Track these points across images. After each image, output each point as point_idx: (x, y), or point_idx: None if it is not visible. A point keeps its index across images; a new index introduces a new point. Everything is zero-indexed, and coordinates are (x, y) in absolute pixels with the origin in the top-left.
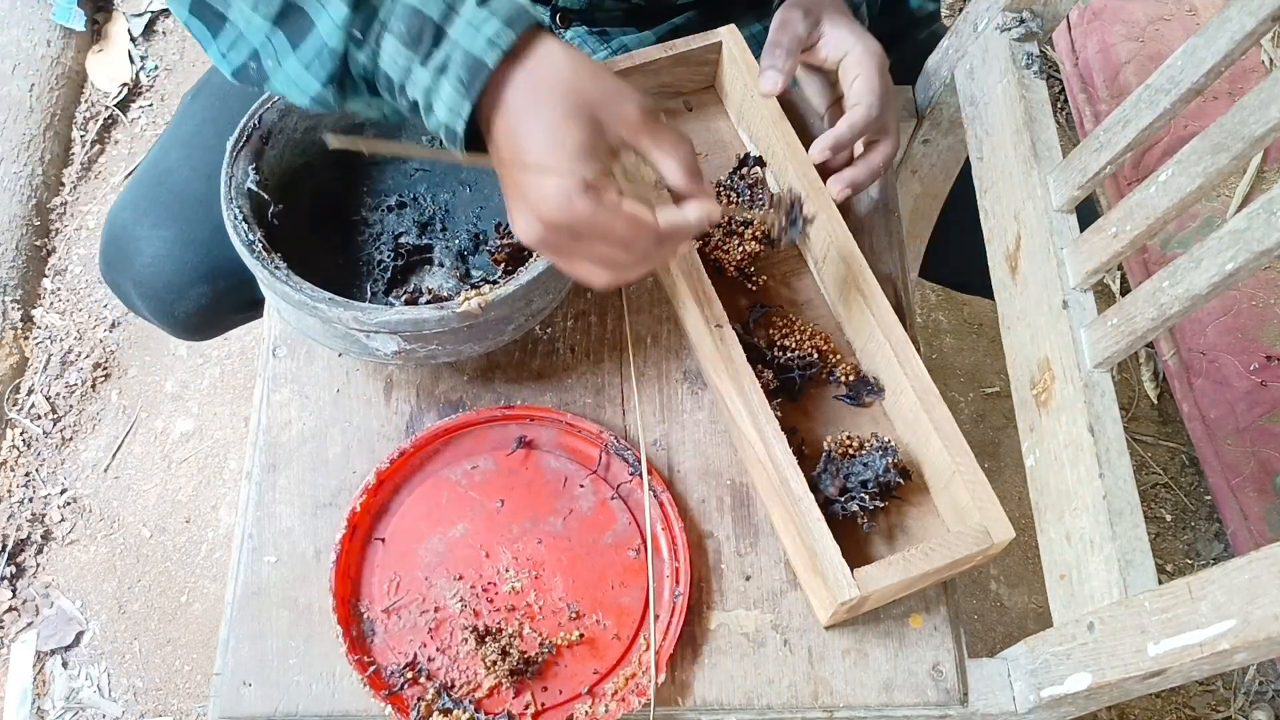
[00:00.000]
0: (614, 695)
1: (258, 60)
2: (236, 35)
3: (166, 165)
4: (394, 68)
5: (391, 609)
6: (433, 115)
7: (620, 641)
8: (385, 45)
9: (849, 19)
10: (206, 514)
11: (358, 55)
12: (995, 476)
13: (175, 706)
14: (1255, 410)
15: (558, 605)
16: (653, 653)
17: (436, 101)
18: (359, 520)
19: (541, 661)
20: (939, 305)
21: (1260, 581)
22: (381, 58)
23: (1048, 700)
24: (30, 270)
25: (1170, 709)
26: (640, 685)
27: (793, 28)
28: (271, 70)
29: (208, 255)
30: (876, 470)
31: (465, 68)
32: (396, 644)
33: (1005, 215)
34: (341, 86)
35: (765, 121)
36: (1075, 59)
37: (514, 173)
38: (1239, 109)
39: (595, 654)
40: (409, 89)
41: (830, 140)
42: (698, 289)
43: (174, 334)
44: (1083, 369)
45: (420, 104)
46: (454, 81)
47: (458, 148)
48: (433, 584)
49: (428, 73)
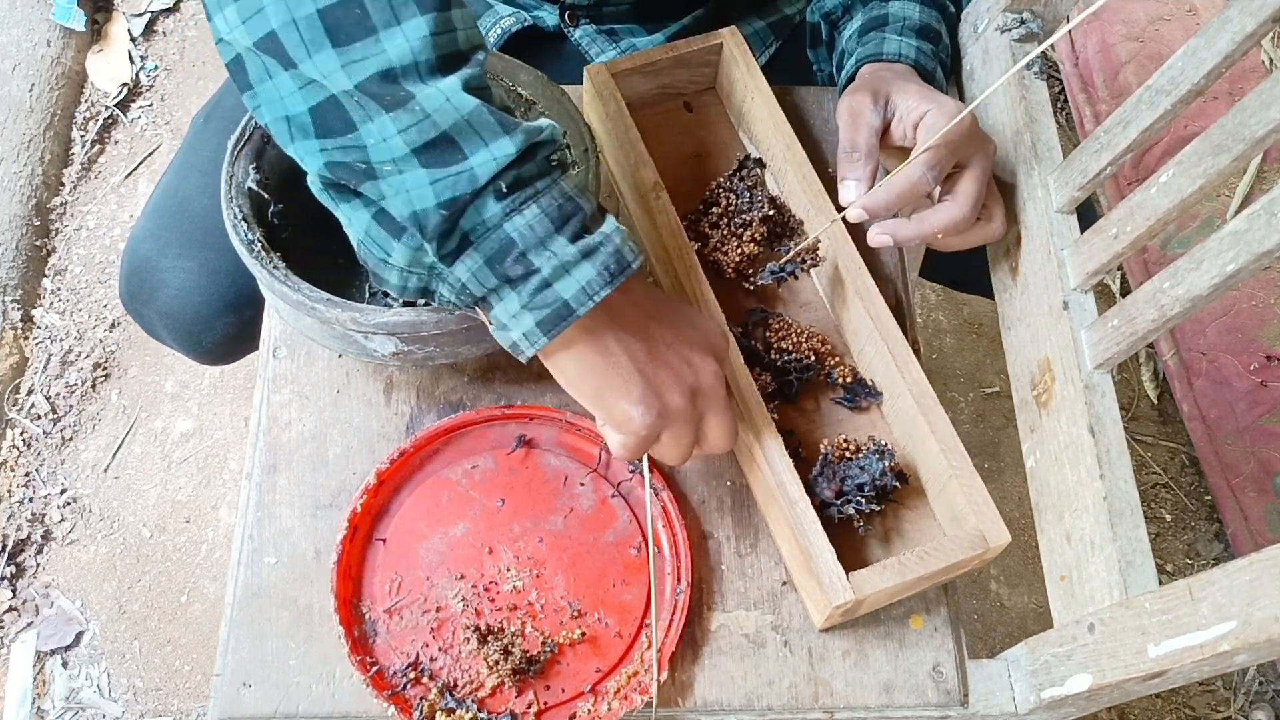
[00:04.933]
0: (616, 693)
1: (369, 164)
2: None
3: (185, 193)
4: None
5: (393, 609)
6: (547, 291)
7: (622, 639)
8: (527, 211)
9: (918, 84)
10: (206, 514)
11: (490, 206)
12: (995, 477)
13: (175, 706)
14: (1255, 410)
15: (559, 604)
16: (655, 650)
17: (564, 279)
18: (359, 521)
19: (544, 660)
20: (939, 305)
21: (1261, 583)
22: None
23: (1048, 701)
24: (30, 270)
25: (1170, 709)
26: (643, 683)
27: (865, 120)
28: (388, 174)
29: (233, 284)
30: (873, 473)
31: (615, 259)
32: (399, 644)
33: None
34: (453, 221)
35: (765, 123)
36: (1075, 59)
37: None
38: (1239, 110)
39: (597, 652)
40: (533, 257)
41: (867, 201)
42: (695, 291)
43: (198, 361)
44: (1083, 370)
45: (539, 275)
46: (599, 266)
47: (552, 332)
48: (434, 584)
49: (574, 249)
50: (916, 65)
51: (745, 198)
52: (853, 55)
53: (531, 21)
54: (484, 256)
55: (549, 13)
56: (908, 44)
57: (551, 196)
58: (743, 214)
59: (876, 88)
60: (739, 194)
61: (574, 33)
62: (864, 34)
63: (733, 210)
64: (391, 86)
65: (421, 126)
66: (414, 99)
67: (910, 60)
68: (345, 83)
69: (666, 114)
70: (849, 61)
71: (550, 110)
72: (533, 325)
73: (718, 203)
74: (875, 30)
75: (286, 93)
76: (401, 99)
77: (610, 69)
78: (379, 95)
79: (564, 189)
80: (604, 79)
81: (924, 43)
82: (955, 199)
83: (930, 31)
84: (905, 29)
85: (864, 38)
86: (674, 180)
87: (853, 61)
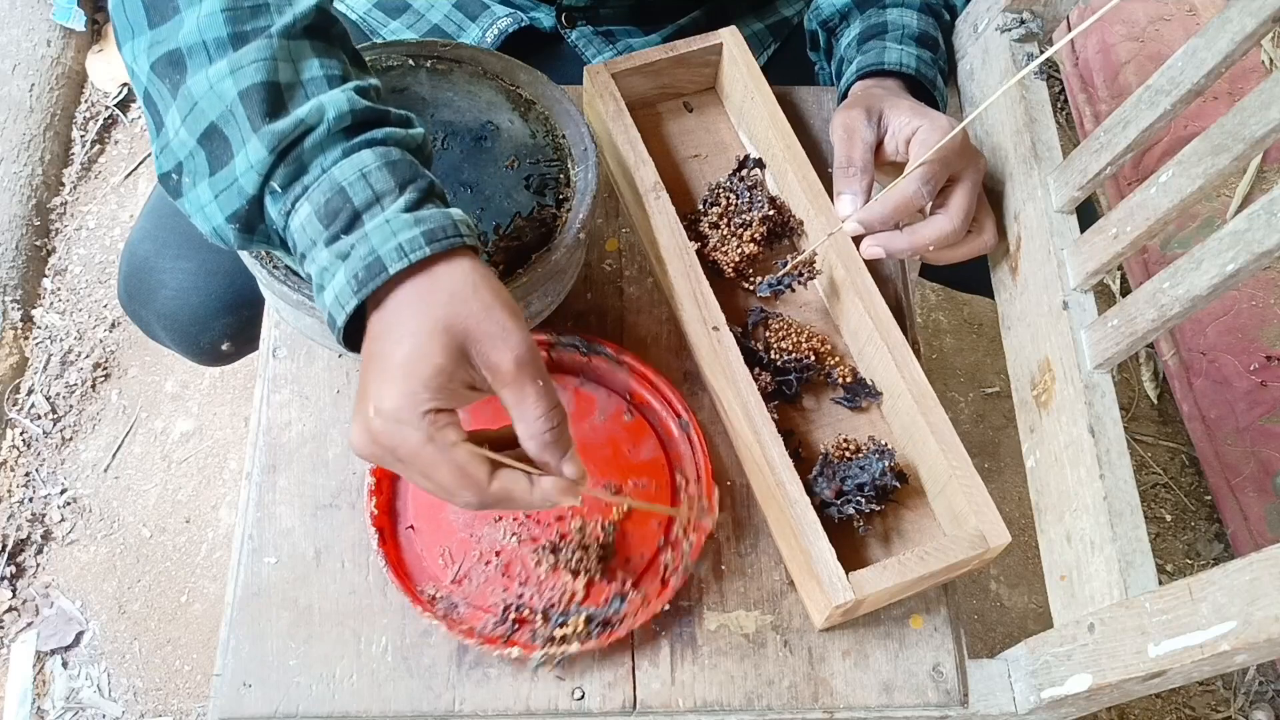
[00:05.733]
0: (686, 531)
1: (179, 173)
2: (166, 142)
3: None
4: (301, 237)
5: (459, 578)
6: (322, 296)
7: (663, 488)
8: (299, 211)
9: (910, 100)
10: (206, 514)
11: (271, 208)
12: (995, 476)
13: (175, 706)
14: (1255, 410)
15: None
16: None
17: (329, 285)
18: (382, 522)
19: (613, 541)
20: (939, 305)
21: (1261, 583)
22: (293, 220)
23: (1048, 701)
24: (30, 270)
25: (1170, 709)
26: (703, 508)
27: (860, 136)
28: (187, 188)
29: (231, 285)
30: (873, 473)
31: (365, 265)
32: (482, 602)
33: (1006, 216)
34: (249, 229)
35: (765, 123)
36: (1075, 59)
37: (366, 374)
38: (1239, 110)
39: (650, 512)
40: (307, 263)
41: (863, 215)
42: (695, 291)
43: (196, 362)
44: (1083, 370)
45: (314, 280)
46: (349, 275)
47: (336, 337)
48: (480, 536)
49: (328, 254)
50: (917, 73)
51: (745, 198)
52: (852, 63)
53: (528, 22)
54: (295, 257)
55: (545, 14)
56: (908, 52)
57: (320, 190)
58: (743, 214)
59: (869, 104)
60: (739, 194)
61: (570, 34)
62: (863, 42)
63: (733, 210)
64: (175, 71)
65: (195, 114)
66: (184, 84)
67: (911, 69)
68: (145, 67)
69: (666, 114)
70: (849, 69)
71: (550, 110)
72: (344, 282)
73: (718, 203)
74: (875, 38)
75: (139, 86)
76: (177, 84)
77: (610, 69)
78: (165, 78)
79: (334, 179)
80: (604, 79)
81: (924, 50)
82: (946, 212)
83: (929, 39)
84: (905, 37)
85: (864, 46)
86: (674, 180)
87: (852, 69)
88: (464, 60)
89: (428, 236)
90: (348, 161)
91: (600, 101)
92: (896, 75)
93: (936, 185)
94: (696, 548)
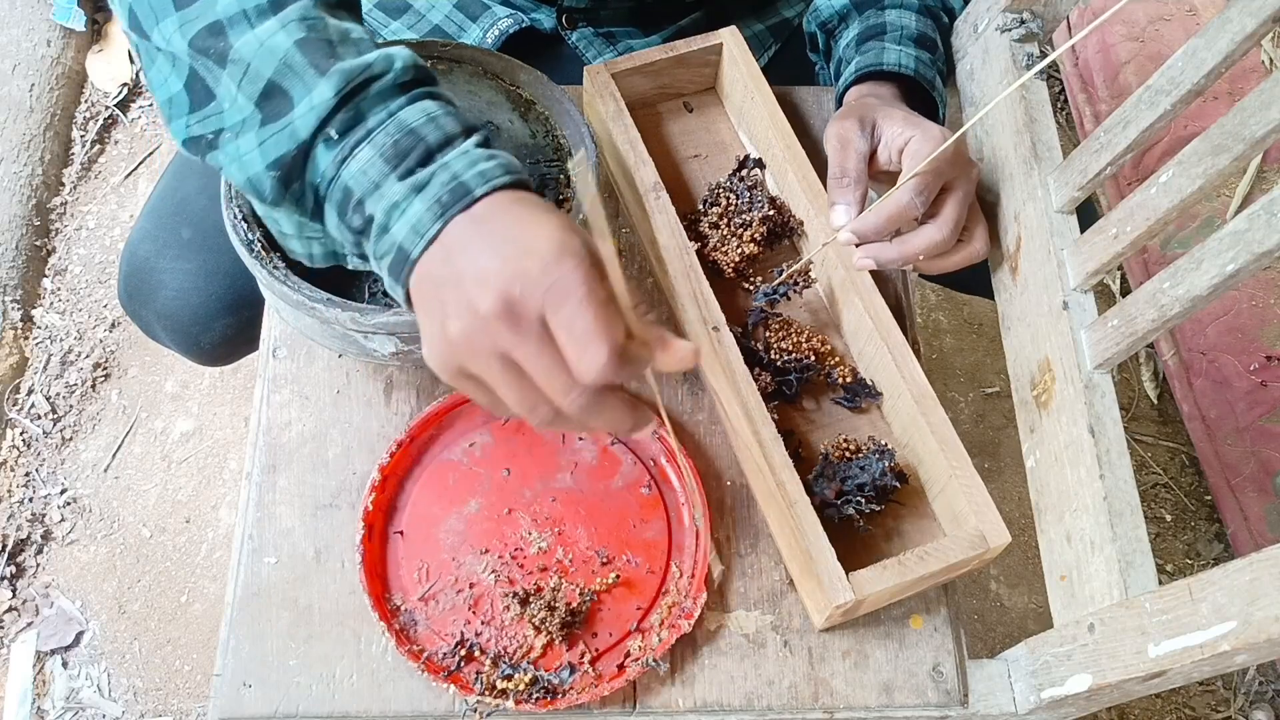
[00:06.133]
0: (662, 624)
1: (218, 133)
2: (218, 112)
3: (183, 194)
4: (360, 180)
5: (427, 596)
6: (386, 236)
7: (655, 574)
8: (359, 155)
9: (903, 110)
10: (206, 514)
11: (322, 157)
12: (995, 476)
13: (175, 706)
14: (1255, 410)
15: (586, 554)
16: (706, 553)
17: (398, 220)
18: (373, 519)
19: (585, 610)
20: (939, 305)
21: (1261, 583)
22: (349, 166)
23: (1048, 701)
24: (30, 270)
25: (1170, 709)
26: (685, 609)
27: (854, 146)
28: (226, 142)
29: (231, 286)
30: (873, 474)
31: (449, 190)
32: (441, 627)
33: (1006, 216)
34: (287, 181)
35: (765, 123)
36: (1075, 59)
37: (466, 260)
38: (1239, 110)
39: (634, 592)
40: (368, 204)
41: (857, 225)
42: (695, 291)
43: (197, 362)
44: (1083, 370)
45: (375, 222)
46: (429, 200)
47: (400, 279)
48: (461, 562)
49: (403, 187)
50: (916, 74)
51: (745, 198)
52: (851, 64)
53: (529, 23)
54: (336, 211)
55: (546, 15)
56: (907, 53)
57: (386, 133)
58: (743, 214)
59: (863, 114)
60: (739, 194)
61: (571, 35)
62: (862, 43)
63: (733, 210)
64: (217, 40)
65: (250, 77)
66: (232, 49)
67: (910, 70)
68: (182, 45)
69: (666, 114)
70: (847, 70)
71: (550, 110)
72: (387, 273)
73: (718, 203)
74: (874, 39)
75: (167, 73)
76: (224, 52)
77: (610, 69)
78: (208, 51)
79: (403, 121)
80: (604, 79)
81: (923, 52)
82: (937, 222)
83: (928, 40)
84: (904, 38)
85: (862, 46)
86: (674, 180)
87: (851, 70)
88: (464, 60)
89: (505, 168)
90: (412, 107)
91: (600, 101)
92: (895, 77)
93: (930, 195)
94: (665, 644)
